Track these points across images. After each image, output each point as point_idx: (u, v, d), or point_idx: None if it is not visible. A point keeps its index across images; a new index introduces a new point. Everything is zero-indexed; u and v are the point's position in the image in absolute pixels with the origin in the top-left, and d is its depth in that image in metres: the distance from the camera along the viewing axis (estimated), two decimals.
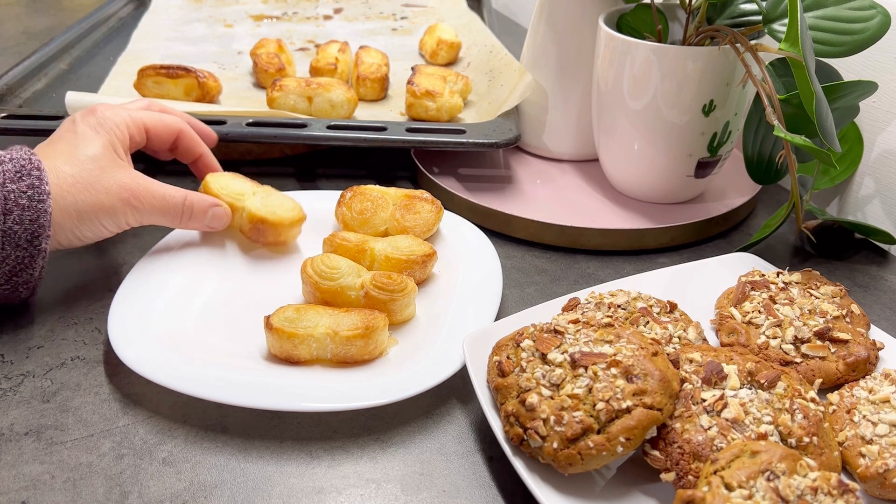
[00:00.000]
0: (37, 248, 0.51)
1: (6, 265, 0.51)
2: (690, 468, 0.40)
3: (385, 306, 0.53)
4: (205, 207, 0.59)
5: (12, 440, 0.46)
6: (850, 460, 0.43)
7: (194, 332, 0.53)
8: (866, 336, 0.51)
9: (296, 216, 0.62)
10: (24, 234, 0.50)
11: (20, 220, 0.50)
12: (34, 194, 0.50)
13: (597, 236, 0.66)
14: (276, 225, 0.61)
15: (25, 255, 0.51)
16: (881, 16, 0.57)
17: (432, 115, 0.79)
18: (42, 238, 0.51)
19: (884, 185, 0.68)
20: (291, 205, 0.62)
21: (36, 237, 0.51)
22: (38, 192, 0.50)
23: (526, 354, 0.45)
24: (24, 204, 0.50)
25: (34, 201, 0.50)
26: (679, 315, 0.52)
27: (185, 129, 0.63)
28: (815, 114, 0.52)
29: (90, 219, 0.54)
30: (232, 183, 0.63)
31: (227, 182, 0.62)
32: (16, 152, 0.52)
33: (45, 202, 0.50)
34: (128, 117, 0.59)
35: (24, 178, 0.50)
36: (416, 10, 1.23)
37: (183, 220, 0.58)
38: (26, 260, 0.51)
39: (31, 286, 0.53)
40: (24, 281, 0.52)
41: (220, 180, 0.62)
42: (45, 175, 0.51)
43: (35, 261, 0.51)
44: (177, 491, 0.43)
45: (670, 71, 0.62)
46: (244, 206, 0.61)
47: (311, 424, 0.48)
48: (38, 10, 1.42)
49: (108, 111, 0.58)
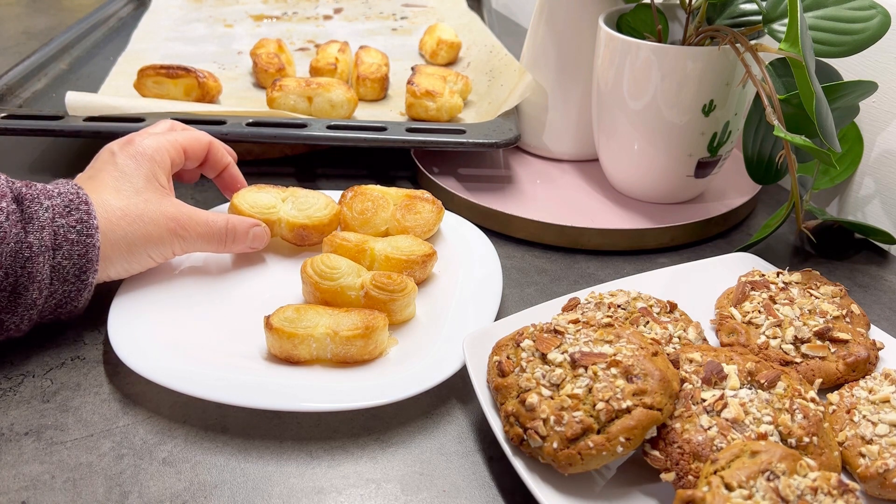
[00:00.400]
0: (84, 282, 0.51)
1: (53, 299, 0.50)
2: (690, 468, 0.40)
3: (385, 306, 0.53)
4: (246, 229, 0.58)
5: (12, 440, 0.46)
6: (850, 460, 0.43)
7: (194, 332, 0.53)
8: (866, 336, 0.51)
9: (332, 212, 0.62)
10: (72, 269, 0.50)
11: (69, 254, 0.50)
12: (83, 228, 0.50)
13: (597, 236, 0.66)
14: (318, 227, 0.61)
15: (72, 290, 0.51)
16: (881, 16, 0.57)
17: (432, 115, 0.79)
18: (90, 273, 0.51)
19: (884, 185, 0.68)
20: (324, 202, 0.63)
21: (84, 272, 0.50)
22: (86, 226, 0.50)
23: (526, 354, 0.45)
24: (74, 238, 0.50)
25: (83, 235, 0.50)
26: (679, 315, 0.52)
27: (214, 141, 0.63)
28: (815, 114, 0.52)
29: (139, 251, 0.53)
30: (258, 197, 0.62)
31: (254, 198, 0.62)
32: (63, 186, 0.52)
33: (93, 236, 0.50)
34: (166, 142, 0.58)
35: (73, 212, 0.50)
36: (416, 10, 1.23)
37: (227, 244, 0.58)
38: (73, 294, 0.51)
39: (74, 315, 0.53)
40: (67, 312, 0.52)
41: (247, 198, 0.62)
42: (94, 209, 0.51)
43: (81, 294, 0.51)
44: (177, 491, 0.43)
45: (670, 71, 0.62)
46: (279, 218, 0.61)
47: (311, 424, 0.48)
48: (38, 10, 1.42)
49: (147, 139, 0.57)
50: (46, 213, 0.49)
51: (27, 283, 0.48)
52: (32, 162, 0.81)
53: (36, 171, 0.79)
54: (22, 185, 0.50)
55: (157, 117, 0.73)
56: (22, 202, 0.49)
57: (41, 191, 0.50)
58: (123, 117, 0.73)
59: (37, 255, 0.48)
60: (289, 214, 0.61)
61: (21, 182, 0.50)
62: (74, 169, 0.77)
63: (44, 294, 0.49)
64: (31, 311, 0.49)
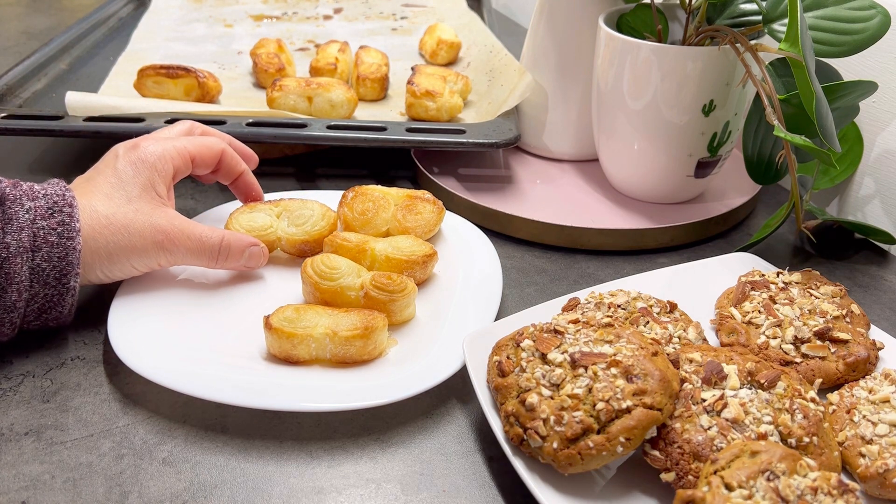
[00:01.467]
0: (65, 286, 0.50)
1: (35, 303, 0.50)
2: (690, 468, 0.40)
3: (385, 307, 0.53)
4: (242, 248, 0.57)
5: (12, 440, 0.46)
6: (850, 460, 0.43)
7: (194, 332, 0.53)
8: (866, 336, 0.51)
9: (329, 222, 0.62)
10: (52, 272, 0.50)
11: (48, 256, 0.49)
12: (64, 231, 0.50)
13: (597, 236, 0.66)
14: (318, 239, 0.61)
15: (54, 294, 0.50)
16: (881, 16, 0.57)
17: (432, 115, 0.79)
18: (70, 276, 0.50)
19: (884, 185, 0.68)
20: (320, 212, 0.62)
21: (65, 275, 0.50)
22: (67, 228, 0.50)
23: (526, 354, 0.45)
24: (53, 241, 0.49)
25: (63, 238, 0.49)
26: (679, 315, 0.52)
27: (227, 149, 0.61)
28: (815, 114, 0.52)
29: (120, 260, 0.53)
30: (253, 218, 0.61)
31: (248, 220, 0.61)
32: (51, 188, 0.51)
33: (74, 239, 0.50)
34: (172, 149, 0.57)
35: (55, 214, 0.50)
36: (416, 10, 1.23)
37: (219, 261, 0.57)
38: (55, 298, 0.51)
39: (62, 321, 0.53)
40: (54, 317, 0.52)
41: (241, 221, 0.61)
42: (77, 213, 0.50)
43: (64, 298, 0.51)
44: (177, 491, 0.43)
45: (670, 71, 0.62)
46: (278, 237, 0.61)
47: (311, 424, 0.48)
48: (38, 10, 1.42)
49: (152, 145, 0.57)
50: (27, 215, 0.49)
51: (5, 284, 0.48)
52: (32, 162, 0.81)
53: (36, 171, 0.79)
54: (7, 185, 0.50)
55: (157, 117, 0.73)
56: (3, 203, 0.49)
57: (25, 191, 0.50)
58: (123, 117, 0.73)
59: (14, 255, 0.48)
60: (286, 232, 0.61)
61: (8, 182, 0.50)
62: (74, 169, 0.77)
63: (24, 297, 0.49)
64: (11, 314, 0.49)
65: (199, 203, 0.72)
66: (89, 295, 0.59)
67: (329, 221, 0.62)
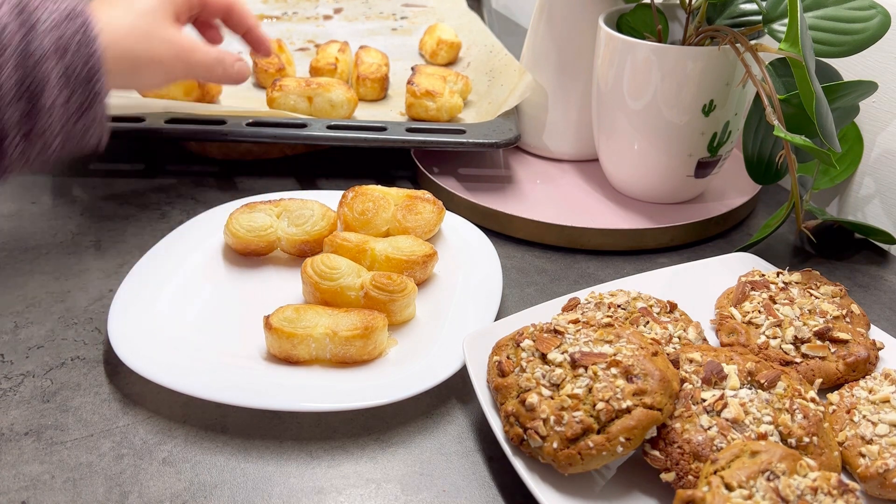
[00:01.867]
0: (94, 90, 0.50)
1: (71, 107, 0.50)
2: (690, 468, 0.40)
3: (385, 307, 0.53)
4: (232, 61, 0.62)
5: (12, 440, 0.46)
6: (850, 460, 0.43)
7: (194, 332, 0.53)
8: (866, 336, 0.51)
9: (329, 222, 0.62)
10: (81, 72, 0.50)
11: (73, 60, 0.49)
12: (83, 38, 0.50)
13: (597, 236, 0.66)
14: (318, 239, 0.61)
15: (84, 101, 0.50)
16: (881, 16, 0.57)
17: (432, 115, 0.79)
18: (96, 80, 0.50)
19: (884, 185, 0.68)
20: (319, 212, 0.62)
21: (91, 77, 0.50)
22: (86, 34, 0.50)
23: (526, 354, 0.45)
24: (75, 46, 0.49)
25: (83, 44, 0.50)
26: (679, 315, 0.52)
27: (237, 3, 0.65)
28: (815, 114, 0.52)
29: (143, 69, 0.55)
30: (253, 219, 0.61)
31: (248, 221, 0.61)
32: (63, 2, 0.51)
33: (94, 42, 0.50)
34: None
35: (73, 19, 0.50)
36: (416, 10, 1.23)
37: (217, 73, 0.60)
38: (86, 105, 0.50)
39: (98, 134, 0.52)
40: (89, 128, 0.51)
41: (241, 222, 0.61)
42: (92, 19, 0.51)
43: (94, 106, 0.51)
44: (177, 491, 0.43)
45: (670, 71, 0.62)
46: (278, 237, 0.61)
47: (311, 424, 0.48)
48: None
49: None
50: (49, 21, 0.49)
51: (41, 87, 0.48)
52: None
53: (36, 171, 0.78)
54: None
55: (157, 117, 0.73)
56: (23, 12, 0.49)
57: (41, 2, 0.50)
58: (123, 117, 0.73)
59: (42, 60, 0.48)
60: (286, 232, 0.61)
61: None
62: (75, 169, 0.77)
63: (60, 98, 0.49)
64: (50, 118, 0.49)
65: (199, 203, 0.72)
66: (89, 295, 0.59)
67: (329, 221, 0.62)
